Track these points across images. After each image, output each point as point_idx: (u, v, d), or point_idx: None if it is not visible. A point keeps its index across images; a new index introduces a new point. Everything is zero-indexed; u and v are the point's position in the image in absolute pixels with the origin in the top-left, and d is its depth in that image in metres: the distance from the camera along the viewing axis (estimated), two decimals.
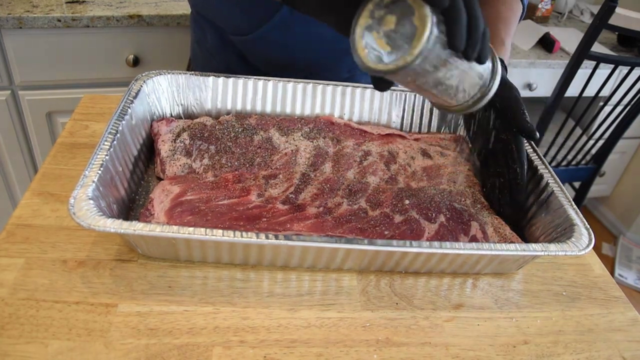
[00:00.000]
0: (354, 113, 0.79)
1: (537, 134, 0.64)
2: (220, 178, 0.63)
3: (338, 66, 0.83)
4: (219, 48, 0.87)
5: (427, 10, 0.42)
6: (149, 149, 0.69)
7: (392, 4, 0.44)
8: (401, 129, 0.80)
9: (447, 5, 0.42)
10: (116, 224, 0.48)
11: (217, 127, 0.70)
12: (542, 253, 0.53)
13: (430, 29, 0.42)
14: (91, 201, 0.49)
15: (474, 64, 0.47)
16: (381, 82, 0.49)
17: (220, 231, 0.49)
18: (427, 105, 0.80)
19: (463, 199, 0.65)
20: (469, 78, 0.49)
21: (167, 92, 0.73)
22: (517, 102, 0.65)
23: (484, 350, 0.52)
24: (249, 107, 0.77)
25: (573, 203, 0.60)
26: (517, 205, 0.65)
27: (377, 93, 0.78)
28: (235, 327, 0.50)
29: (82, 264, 0.54)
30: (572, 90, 1.51)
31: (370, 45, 0.45)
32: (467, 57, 0.45)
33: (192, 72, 0.74)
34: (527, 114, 0.65)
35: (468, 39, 0.44)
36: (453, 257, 0.55)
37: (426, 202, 0.63)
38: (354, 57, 0.46)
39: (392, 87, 0.78)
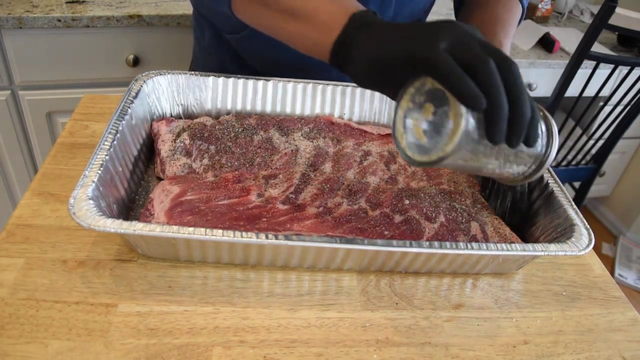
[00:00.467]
0: (354, 113, 0.79)
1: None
2: (220, 178, 0.63)
3: (329, 66, 0.84)
4: (215, 46, 0.87)
5: (461, 108, 0.41)
6: (149, 149, 0.69)
7: (432, 91, 0.43)
8: None
9: (483, 107, 0.40)
10: (116, 224, 0.48)
11: (217, 127, 0.70)
12: (542, 253, 0.53)
13: (463, 129, 0.41)
14: (91, 201, 0.49)
15: (531, 147, 0.45)
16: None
17: (220, 231, 0.49)
18: None
19: (463, 199, 0.65)
20: (518, 158, 0.47)
21: (167, 92, 0.73)
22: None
23: (484, 350, 0.52)
24: (249, 107, 0.77)
25: (573, 203, 0.60)
26: (519, 212, 0.65)
27: (377, 93, 0.78)
28: (235, 327, 0.50)
29: (82, 264, 0.54)
30: (572, 90, 1.51)
31: (409, 131, 0.45)
32: (510, 145, 0.43)
33: (192, 72, 0.74)
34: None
35: (510, 131, 0.42)
36: (453, 257, 0.55)
37: (426, 202, 0.63)
38: (394, 140, 0.46)
39: None
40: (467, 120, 0.41)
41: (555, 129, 0.49)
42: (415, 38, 0.44)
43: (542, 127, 0.48)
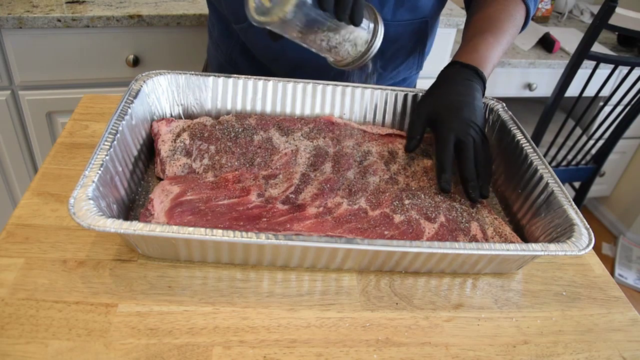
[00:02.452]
0: (354, 113, 0.79)
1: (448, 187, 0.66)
2: (220, 178, 0.63)
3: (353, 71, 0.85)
4: (223, 38, 0.90)
5: None
6: (149, 149, 0.69)
7: None
8: (401, 129, 0.80)
9: None
10: (116, 224, 0.48)
11: (217, 127, 0.70)
12: (542, 253, 0.53)
13: None
14: (91, 201, 0.49)
15: (352, 26, 0.56)
16: (272, 33, 0.58)
17: (220, 231, 0.49)
18: None
19: (463, 199, 0.65)
20: (349, 36, 0.57)
21: (167, 92, 0.73)
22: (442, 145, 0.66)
23: (484, 350, 0.52)
24: (249, 107, 0.77)
25: (573, 203, 0.60)
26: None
27: (377, 93, 0.79)
28: (235, 327, 0.50)
29: (82, 264, 0.54)
30: (572, 90, 1.51)
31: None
32: (338, 18, 0.53)
33: (192, 72, 0.74)
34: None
35: (337, 2, 0.51)
36: (453, 257, 0.55)
37: (426, 202, 0.63)
38: (245, 9, 0.54)
39: (392, 88, 0.79)
40: None
41: (381, 22, 0.59)
42: None
43: (370, 18, 0.59)
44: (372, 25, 0.59)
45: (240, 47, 0.88)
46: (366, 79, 0.75)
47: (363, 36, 0.58)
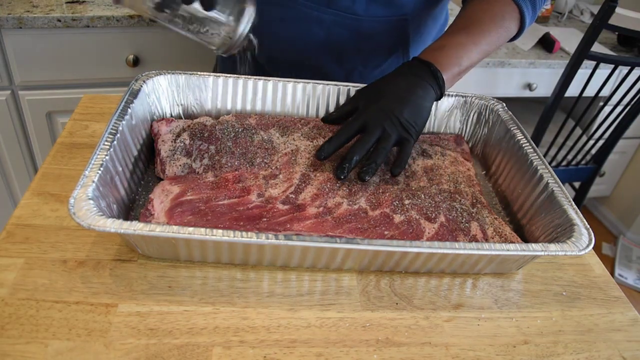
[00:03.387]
0: None
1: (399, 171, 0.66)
2: (220, 178, 0.63)
3: (328, 52, 0.83)
4: None
5: None
6: (149, 149, 0.69)
7: None
8: None
9: None
10: (116, 224, 0.48)
11: (217, 127, 0.70)
12: (542, 253, 0.53)
13: None
14: (91, 201, 0.49)
15: (209, 11, 0.57)
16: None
17: (220, 231, 0.49)
18: None
19: (463, 199, 0.65)
20: (210, 22, 0.58)
21: (167, 92, 0.73)
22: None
23: (484, 350, 0.52)
24: (249, 107, 0.77)
25: (573, 203, 0.60)
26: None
27: None
28: (235, 327, 0.50)
29: (82, 264, 0.54)
30: (572, 90, 1.51)
31: None
32: (184, 2, 0.55)
33: (192, 72, 0.74)
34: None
35: None
36: (453, 257, 0.55)
37: (426, 202, 0.63)
38: None
39: None
40: None
41: (250, 9, 0.60)
42: None
43: (236, 4, 0.60)
44: (237, 10, 0.59)
45: None
46: (240, 67, 0.75)
47: (223, 20, 0.59)
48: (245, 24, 0.60)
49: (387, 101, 0.65)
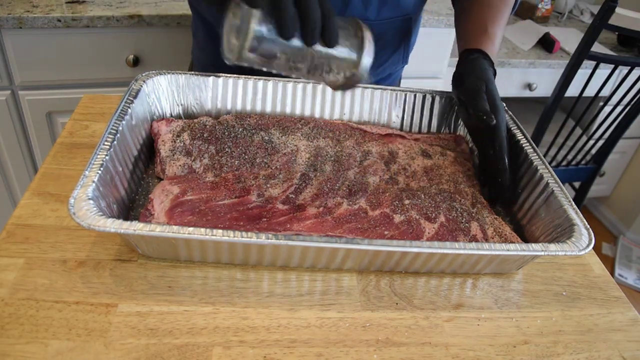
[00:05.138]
0: (354, 113, 0.79)
1: (493, 119, 0.65)
2: (220, 178, 0.63)
3: None
4: (208, 42, 0.89)
5: (246, 9, 0.47)
6: (149, 149, 0.69)
7: None
8: (401, 129, 0.80)
9: (263, 6, 0.46)
10: (116, 224, 0.48)
11: (217, 127, 0.70)
12: (542, 253, 0.53)
13: (253, 26, 0.47)
14: (91, 201, 0.49)
15: (328, 48, 0.51)
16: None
17: (220, 231, 0.49)
18: (427, 105, 0.80)
19: (463, 199, 0.65)
20: (330, 60, 0.52)
21: (167, 92, 0.73)
22: (472, 91, 0.68)
23: (484, 350, 0.52)
24: (249, 107, 0.77)
25: (573, 203, 0.60)
26: (502, 188, 0.67)
27: (377, 93, 0.79)
28: (235, 327, 0.50)
29: (82, 264, 0.54)
30: (572, 90, 1.51)
31: (226, 35, 0.51)
32: (307, 44, 0.49)
33: (192, 72, 0.74)
34: (484, 100, 0.67)
35: (302, 29, 0.47)
36: (453, 257, 0.55)
37: (426, 202, 0.63)
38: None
39: (392, 88, 0.79)
40: (253, 18, 0.47)
41: (368, 36, 0.53)
42: None
43: (354, 35, 0.53)
44: (356, 41, 0.53)
45: None
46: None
47: (346, 56, 0.52)
48: (370, 55, 0.53)
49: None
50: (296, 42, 0.49)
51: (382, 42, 0.86)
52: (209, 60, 0.91)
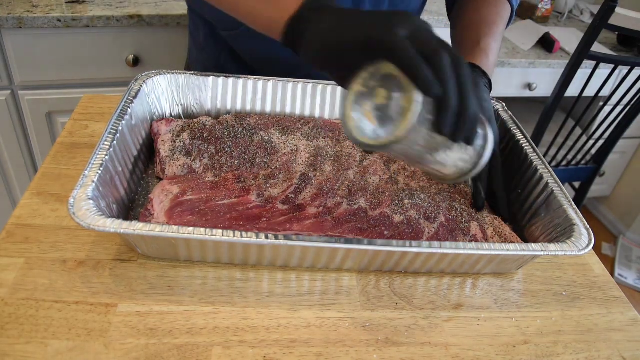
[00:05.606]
0: None
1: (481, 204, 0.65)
2: (220, 178, 0.63)
3: None
4: (210, 43, 0.88)
5: (416, 94, 0.42)
6: (149, 149, 0.69)
7: (386, 77, 0.44)
8: None
9: (439, 94, 0.42)
10: (116, 224, 0.48)
11: (217, 127, 0.70)
12: (542, 253, 0.53)
13: (416, 115, 0.42)
14: (91, 201, 0.49)
15: (462, 144, 0.47)
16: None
17: (220, 231, 0.49)
18: None
19: (463, 199, 0.65)
20: (458, 154, 0.49)
21: (167, 92, 0.73)
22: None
23: (483, 350, 0.52)
24: (249, 107, 0.77)
25: (573, 203, 0.60)
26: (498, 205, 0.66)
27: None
28: (235, 327, 0.50)
29: (82, 264, 0.54)
30: (572, 90, 1.51)
31: (358, 115, 0.45)
32: (453, 140, 0.45)
33: (192, 72, 0.74)
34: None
35: (456, 125, 0.44)
36: (453, 257, 0.55)
37: (426, 202, 0.63)
38: (342, 123, 0.46)
39: None
40: (420, 107, 0.42)
41: (491, 135, 0.50)
42: (375, 24, 0.44)
43: (479, 130, 0.49)
44: (480, 142, 0.50)
45: (228, 52, 0.86)
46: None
47: (473, 151, 0.50)
48: (490, 152, 0.50)
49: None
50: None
51: None
52: (210, 61, 0.90)
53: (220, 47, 0.86)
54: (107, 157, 0.55)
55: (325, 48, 0.47)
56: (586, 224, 0.57)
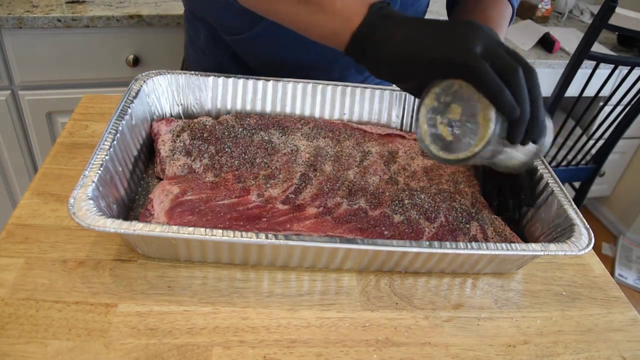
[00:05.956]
0: (354, 113, 0.79)
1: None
2: (220, 178, 0.63)
3: (330, 67, 0.83)
4: (211, 47, 0.87)
5: (493, 113, 0.44)
6: (149, 149, 0.69)
7: (460, 92, 0.45)
8: (401, 129, 0.80)
9: (518, 116, 0.43)
10: (116, 224, 0.48)
11: (217, 127, 0.70)
12: (542, 253, 0.53)
13: (493, 132, 0.44)
14: (91, 201, 0.49)
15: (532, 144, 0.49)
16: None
17: (220, 231, 0.49)
18: None
19: (463, 199, 0.65)
20: (524, 150, 0.51)
21: (167, 92, 0.73)
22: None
23: (484, 350, 0.52)
24: (249, 107, 0.77)
25: (573, 203, 0.60)
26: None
27: (377, 93, 0.79)
28: (235, 327, 0.50)
29: (82, 264, 0.54)
30: (572, 90, 1.51)
31: (432, 127, 0.47)
32: (523, 144, 0.47)
33: (192, 72, 0.74)
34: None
35: (527, 134, 0.46)
36: (453, 257, 0.55)
37: (426, 202, 0.63)
38: (416, 133, 0.48)
39: (392, 88, 0.79)
40: (496, 124, 0.44)
41: (550, 125, 0.52)
42: (449, 40, 0.45)
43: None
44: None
45: (231, 56, 0.86)
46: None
47: (536, 147, 0.52)
48: (550, 140, 0.53)
49: None
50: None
51: None
52: (211, 65, 0.89)
53: (222, 51, 0.85)
54: (107, 157, 0.55)
55: (397, 62, 0.47)
56: (586, 224, 0.57)
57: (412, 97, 0.79)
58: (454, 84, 0.46)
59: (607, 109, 1.63)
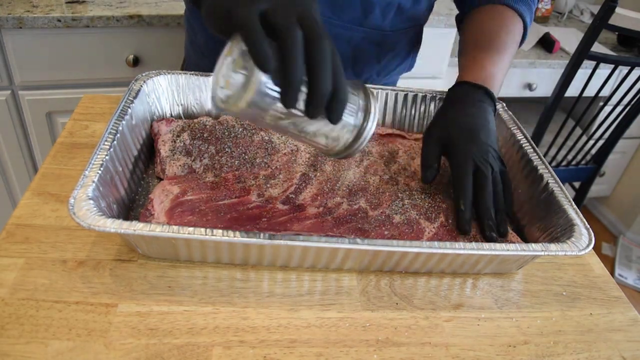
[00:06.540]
0: None
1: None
2: (221, 178, 0.63)
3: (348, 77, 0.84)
4: (210, 47, 0.87)
5: (257, 71, 0.43)
6: (149, 149, 0.69)
7: (243, 45, 0.45)
8: (401, 129, 0.80)
9: (274, 69, 0.42)
10: (116, 224, 0.48)
11: (217, 127, 0.70)
12: (542, 253, 0.53)
13: (257, 87, 0.43)
14: (91, 201, 0.49)
15: (336, 124, 0.47)
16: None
17: (220, 231, 0.49)
18: (427, 105, 0.80)
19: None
20: (330, 128, 0.49)
21: (167, 92, 0.73)
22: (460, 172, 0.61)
23: (484, 350, 0.52)
24: None
25: (573, 203, 0.60)
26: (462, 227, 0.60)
27: (377, 93, 0.78)
28: (235, 327, 0.50)
29: (82, 264, 0.54)
30: (572, 90, 1.51)
31: (221, 79, 0.47)
32: (310, 116, 0.45)
33: (192, 72, 0.74)
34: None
35: (308, 102, 0.44)
36: (453, 257, 0.55)
37: (426, 202, 0.63)
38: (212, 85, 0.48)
39: (392, 88, 0.79)
40: (260, 80, 0.43)
41: (374, 107, 0.50)
42: None
43: (359, 103, 0.50)
44: (360, 113, 0.50)
45: None
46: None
47: (349, 128, 0.50)
48: (372, 129, 0.50)
49: (479, 134, 0.62)
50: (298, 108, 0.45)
51: (395, 52, 0.87)
52: (211, 65, 0.89)
53: (220, 51, 0.85)
54: (107, 157, 0.55)
55: (209, 12, 0.48)
56: (586, 224, 0.57)
57: (412, 97, 0.79)
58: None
59: (607, 109, 1.63)
